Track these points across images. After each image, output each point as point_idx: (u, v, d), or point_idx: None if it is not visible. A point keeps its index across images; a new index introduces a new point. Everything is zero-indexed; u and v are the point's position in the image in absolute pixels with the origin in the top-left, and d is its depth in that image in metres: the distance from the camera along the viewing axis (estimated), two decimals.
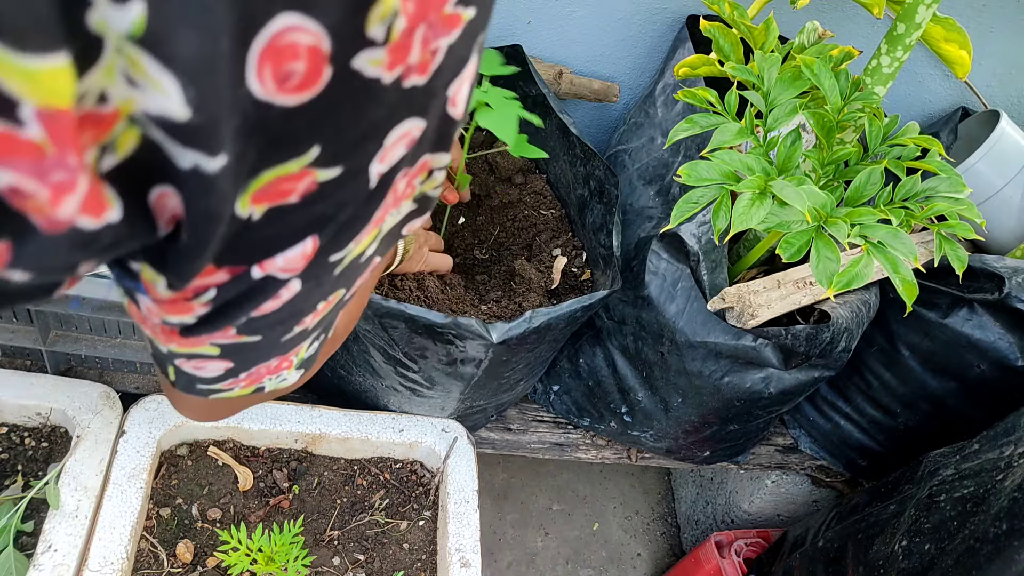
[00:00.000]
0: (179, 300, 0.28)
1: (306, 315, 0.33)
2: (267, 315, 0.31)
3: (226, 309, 0.29)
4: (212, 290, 0.28)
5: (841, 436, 1.32)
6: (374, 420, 0.99)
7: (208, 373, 0.35)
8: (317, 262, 0.29)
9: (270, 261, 0.27)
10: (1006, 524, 0.83)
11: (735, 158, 0.83)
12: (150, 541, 0.85)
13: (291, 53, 0.21)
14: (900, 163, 0.91)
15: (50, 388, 0.89)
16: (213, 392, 0.37)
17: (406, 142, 0.27)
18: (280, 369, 0.37)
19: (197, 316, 0.29)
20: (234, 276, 0.27)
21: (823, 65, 0.87)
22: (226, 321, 0.30)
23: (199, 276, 0.27)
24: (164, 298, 0.28)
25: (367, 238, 0.30)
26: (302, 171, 0.24)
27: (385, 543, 0.94)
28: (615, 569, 1.65)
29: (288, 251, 0.27)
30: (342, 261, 0.30)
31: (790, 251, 0.79)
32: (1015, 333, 1.06)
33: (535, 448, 1.24)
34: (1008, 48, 1.27)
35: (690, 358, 1.02)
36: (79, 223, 0.21)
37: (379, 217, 0.30)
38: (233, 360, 0.34)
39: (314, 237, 0.27)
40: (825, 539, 1.13)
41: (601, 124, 1.33)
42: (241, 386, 0.37)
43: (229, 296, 0.28)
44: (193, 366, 0.34)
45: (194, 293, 0.28)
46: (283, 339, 0.34)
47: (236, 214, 0.24)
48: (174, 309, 0.29)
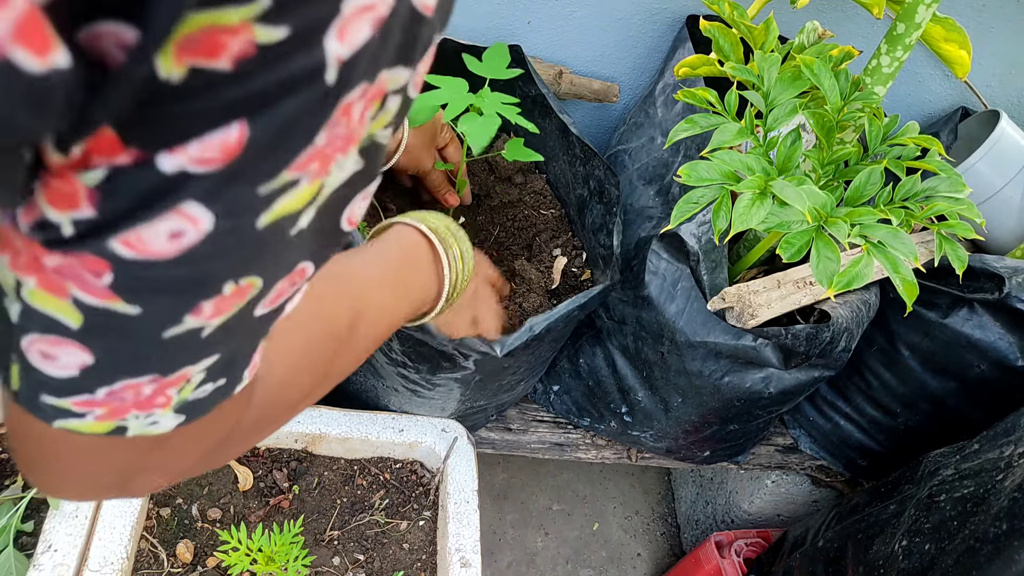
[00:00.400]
0: (67, 170, 0.22)
1: (206, 292, 0.26)
2: (156, 264, 0.24)
3: (113, 219, 0.23)
4: (102, 169, 0.22)
5: (841, 436, 1.32)
6: (374, 420, 0.99)
7: (59, 370, 0.27)
8: (239, 176, 0.23)
9: (181, 148, 0.22)
10: (1006, 524, 0.83)
11: (735, 158, 0.84)
12: (150, 541, 0.85)
13: None
14: (900, 163, 0.91)
15: None
16: (61, 415, 0.28)
17: (371, 18, 0.22)
18: (153, 404, 0.29)
19: (78, 217, 0.23)
20: (136, 162, 0.22)
21: (823, 65, 0.87)
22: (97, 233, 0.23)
23: (93, 142, 0.21)
24: (51, 164, 0.23)
25: (308, 184, 0.24)
26: (240, 23, 0.20)
27: (385, 543, 0.94)
28: (615, 569, 1.65)
29: (206, 135, 0.22)
30: (270, 206, 0.24)
31: (790, 251, 0.79)
32: (1015, 333, 1.06)
33: (535, 448, 1.24)
34: (1008, 48, 1.27)
35: (690, 358, 1.02)
36: (18, 59, 0.18)
37: (323, 151, 0.24)
38: (94, 349, 0.26)
39: (241, 123, 0.22)
40: (825, 539, 1.13)
41: (601, 124, 1.33)
42: (97, 414, 0.28)
43: (121, 196, 0.23)
44: (42, 350, 0.26)
45: (83, 164, 0.22)
46: (165, 332, 0.26)
47: (154, 72, 0.20)
48: (60, 195, 0.23)
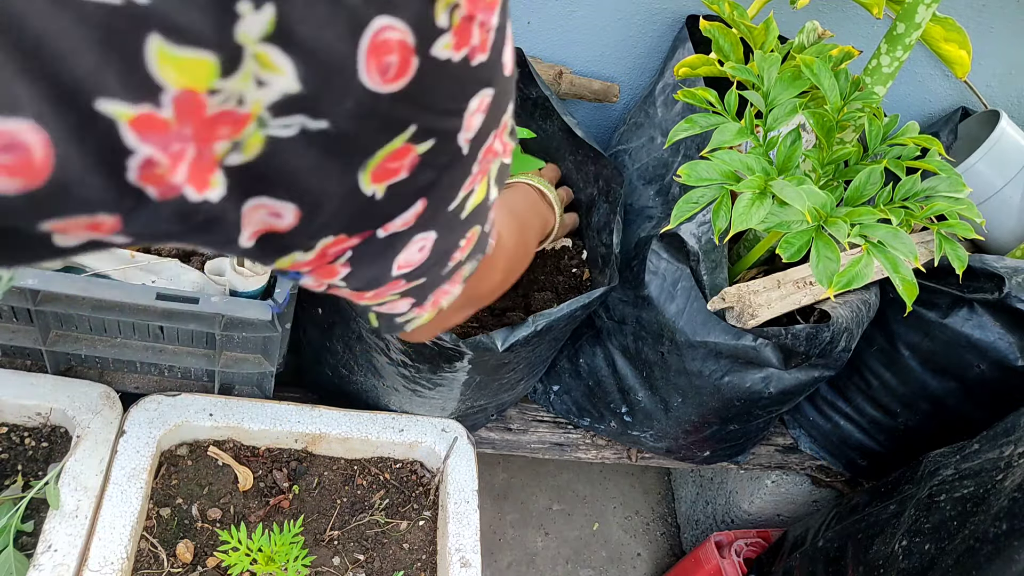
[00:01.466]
0: (321, 263, 0.33)
1: (453, 252, 0.38)
2: (419, 266, 0.37)
3: (369, 263, 0.34)
4: (348, 252, 0.33)
5: (841, 436, 1.32)
6: (374, 420, 0.99)
7: (398, 310, 0.41)
8: (433, 215, 0.34)
9: (391, 223, 0.32)
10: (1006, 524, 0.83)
11: (735, 158, 0.84)
12: (150, 541, 0.85)
13: (387, 48, 0.26)
14: (900, 163, 0.91)
15: (50, 388, 0.89)
16: (408, 322, 0.43)
17: (483, 109, 0.32)
18: (450, 292, 0.43)
19: (343, 276, 0.35)
20: (364, 240, 0.33)
21: (823, 65, 0.87)
22: (379, 275, 0.36)
23: (332, 243, 0.32)
24: (308, 262, 0.33)
25: (479, 187, 0.36)
26: (404, 146, 0.29)
27: (385, 543, 0.94)
28: (615, 569, 1.65)
29: (404, 214, 0.32)
30: (463, 208, 0.35)
31: (790, 251, 0.79)
32: (1015, 333, 1.06)
33: (535, 448, 1.24)
34: (1008, 48, 1.27)
35: (690, 358, 1.02)
36: (185, 191, 0.25)
37: (480, 171, 0.35)
38: (413, 296, 0.40)
39: (423, 200, 0.32)
40: (825, 539, 1.13)
41: (601, 124, 1.33)
42: (428, 310, 0.43)
43: (365, 254, 0.33)
44: (387, 309, 0.41)
45: (333, 256, 0.33)
46: (444, 272, 0.39)
47: (361, 191, 0.29)
48: (322, 273, 0.34)
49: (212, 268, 0.87)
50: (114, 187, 0.24)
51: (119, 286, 0.79)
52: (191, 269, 0.86)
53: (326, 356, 1.04)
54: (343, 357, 1.00)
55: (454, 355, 0.89)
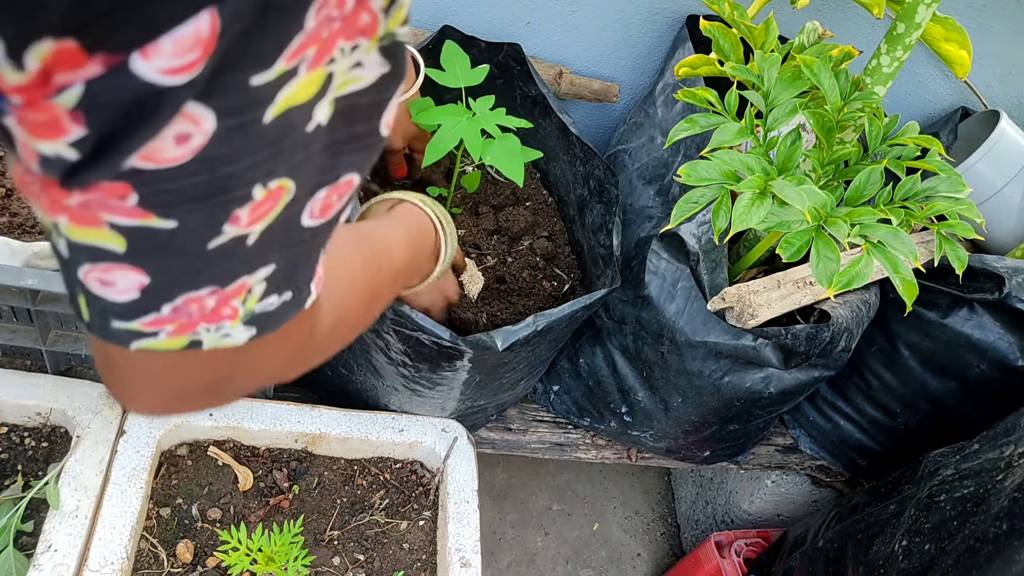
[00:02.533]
0: (38, 98, 0.21)
1: (236, 199, 0.25)
2: (173, 170, 0.23)
3: (109, 137, 0.22)
4: (78, 86, 0.21)
5: (841, 436, 1.32)
6: (374, 420, 0.99)
7: (120, 294, 0.27)
8: (225, 71, 0.22)
9: (153, 45, 0.21)
10: (1006, 524, 0.83)
11: (735, 158, 0.84)
12: (150, 541, 0.85)
13: None
14: (900, 163, 0.91)
15: (50, 388, 0.89)
16: (135, 336, 0.29)
17: None
18: (219, 315, 0.29)
19: (72, 140, 0.22)
20: (109, 68, 0.21)
21: (823, 65, 0.87)
22: (114, 158, 0.23)
23: (54, 53, 0.20)
24: (15, 86, 0.21)
25: (308, 74, 0.24)
26: None
27: (385, 543, 0.94)
28: (615, 569, 1.65)
29: (176, 28, 0.20)
30: (273, 98, 0.23)
31: (790, 251, 0.79)
32: (1015, 333, 1.06)
33: (535, 448, 1.24)
34: (1008, 48, 1.27)
35: (690, 358, 1.02)
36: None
37: (319, 33, 0.23)
38: (146, 268, 0.26)
39: (211, 10, 0.21)
40: (825, 539, 1.13)
41: (601, 124, 1.33)
42: (168, 330, 0.29)
43: (108, 108, 0.22)
44: (99, 279, 0.27)
45: (55, 88, 0.21)
46: (210, 243, 0.26)
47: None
48: (41, 125, 0.22)
49: None
50: None
51: None
52: None
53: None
54: (343, 356, 1.00)
55: (454, 354, 0.89)
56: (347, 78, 0.26)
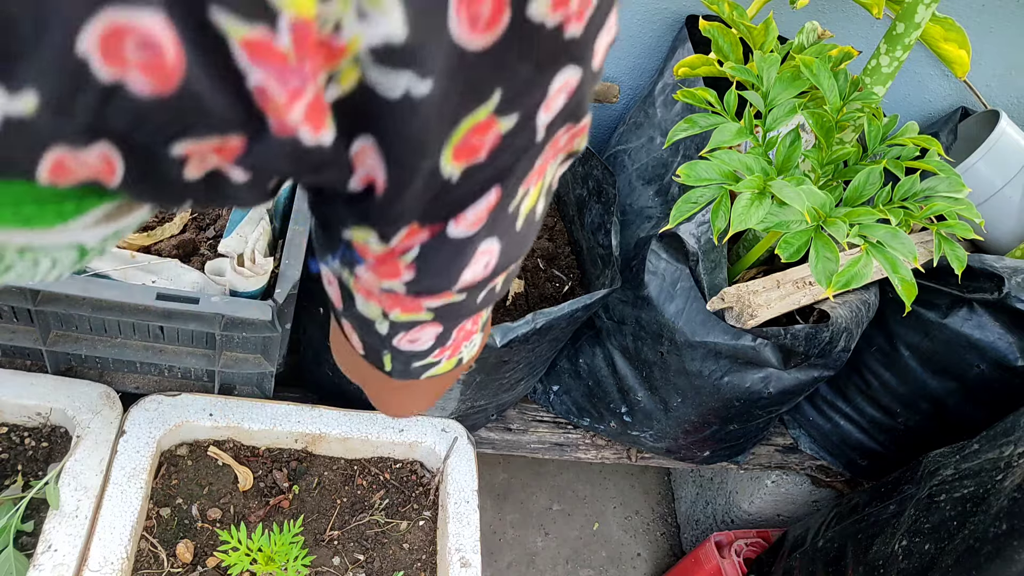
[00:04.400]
0: (388, 258, 0.32)
1: (499, 275, 0.36)
2: (480, 282, 0.35)
3: (434, 279, 0.33)
4: (416, 248, 0.31)
5: (841, 436, 1.32)
6: (374, 420, 0.99)
7: (422, 345, 0.39)
8: (500, 213, 0.31)
9: (461, 216, 0.30)
10: (1006, 524, 0.83)
11: (734, 158, 0.84)
12: (150, 541, 0.85)
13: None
14: (899, 163, 0.91)
15: (50, 388, 0.89)
16: (426, 368, 0.41)
17: (566, 92, 0.29)
18: (471, 334, 0.41)
19: (405, 280, 0.33)
20: (434, 234, 0.31)
21: (822, 65, 0.87)
22: (439, 288, 0.34)
23: (405, 235, 0.30)
24: (376, 255, 0.32)
25: (535, 189, 0.33)
26: (488, 119, 0.27)
27: (385, 543, 0.94)
28: (615, 569, 1.65)
29: (477, 203, 0.30)
30: (519, 213, 0.33)
31: (789, 251, 0.79)
32: (1015, 333, 1.06)
33: (535, 448, 1.24)
34: (1008, 48, 1.27)
35: (690, 358, 1.02)
36: (300, 133, 0.25)
37: (542, 166, 0.32)
38: (442, 322, 0.37)
39: (497, 188, 0.30)
40: (825, 539, 1.13)
41: (601, 124, 1.33)
42: (447, 356, 0.41)
43: (434, 256, 0.32)
44: (409, 340, 0.38)
45: (401, 251, 0.31)
46: (480, 299, 0.37)
47: (440, 172, 0.28)
48: (385, 271, 0.33)
49: (212, 268, 0.87)
50: (239, 106, 0.23)
51: (119, 286, 0.79)
52: (191, 269, 0.86)
53: (326, 356, 1.04)
54: None
55: None
56: (551, 178, 0.34)
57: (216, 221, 0.97)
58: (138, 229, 0.94)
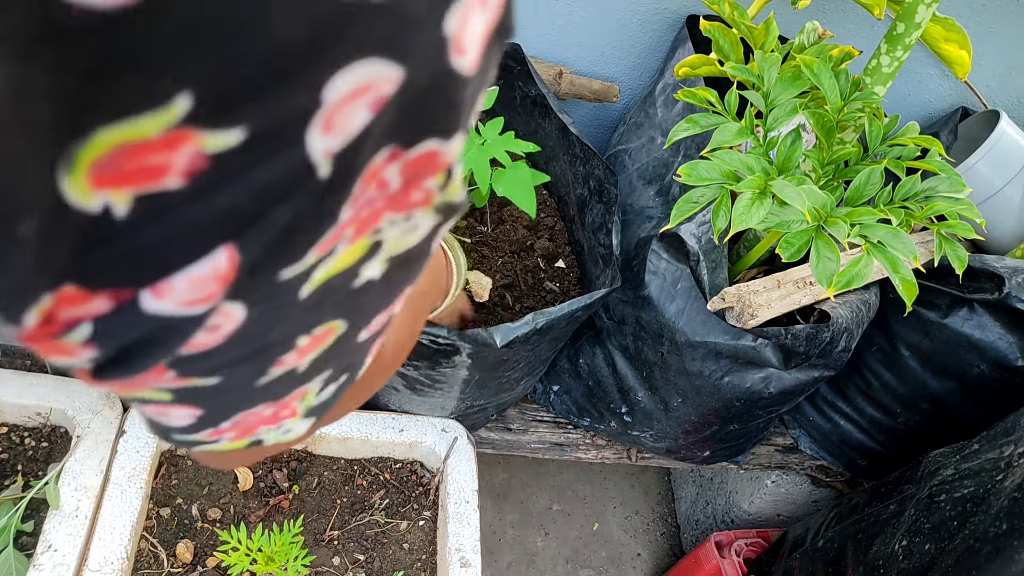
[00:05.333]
0: (44, 337, 0.20)
1: (279, 352, 0.25)
2: (209, 352, 0.23)
3: (130, 352, 0.21)
4: (86, 325, 0.20)
5: (841, 436, 1.32)
6: (374, 420, 0.99)
7: (176, 422, 0.27)
8: (253, 282, 0.21)
9: (165, 284, 0.19)
10: (1006, 524, 0.83)
11: (735, 158, 0.84)
12: (150, 541, 0.85)
13: None
14: (900, 163, 0.91)
15: (50, 388, 0.89)
16: (195, 444, 0.29)
17: (368, 102, 0.18)
18: (279, 418, 0.29)
19: (90, 360, 0.22)
20: (119, 305, 0.19)
21: (823, 65, 0.87)
22: (140, 364, 0.22)
23: (51, 305, 0.19)
24: (16, 336, 0.20)
25: (346, 250, 0.22)
26: (171, 133, 0.16)
27: (385, 543, 0.94)
28: (615, 569, 1.65)
29: (190, 268, 0.19)
30: (307, 279, 0.22)
31: (790, 251, 0.79)
32: (1015, 333, 1.06)
33: (535, 448, 1.24)
34: (1008, 48, 1.27)
35: (690, 358, 1.02)
36: None
37: (356, 217, 0.22)
38: (200, 406, 0.26)
39: (228, 247, 0.19)
40: (825, 539, 1.13)
41: (601, 124, 1.33)
42: (228, 438, 0.29)
43: (122, 335, 0.21)
44: (154, 411, 0.26)
45: (61, 328, 0.20)
46: (259, 382, 0.25)
47: (69, 202, 0.17)
48: (49, 348, 0.21)
49: None
50: None
51: None
52: None
53: None
54: None
55: (451, 350, 0.89)
56: (402, 241, 0.24)
57: None
58: None
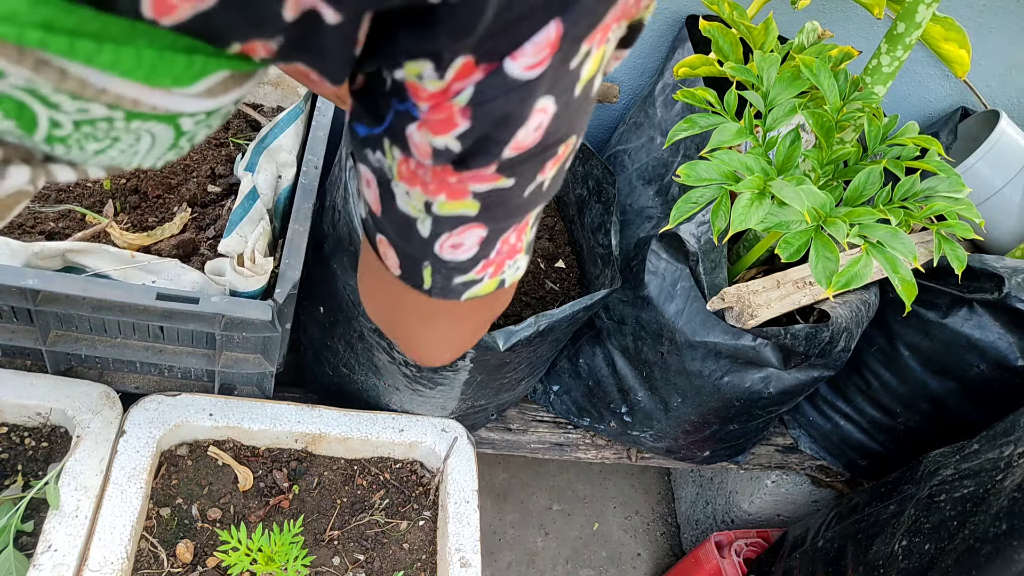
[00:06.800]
0: (442, 100, 0.29)
1: (550, 155, 0.33)
2: (526, 151, 0.32)
3: (490, 130, 0.30)
4: (470, 88, 0.29)
5: (841, 436, 1.32)
6: (374, 420, 0.99)
7: (464, 253, 0.36)
8: (560, 63, 0.29)
9: (519, 51, 0.28)
10: (1006, 524, 0.83)
11: (734, 158, 0.84)
12: (150, 541, 0.85)
13: None
14: (899, 163, 0.91)
15: (50, 388, 0.89)
16: (468, 286, 0.38)
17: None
18: (515, 251, 0.38)
19: (459, 133, 0.30)
20: (489, 72, 0.29)
21: (822, 65, 0.87)
22: (491, 148, 0.31)
23: (460, 69, 0.28)
24: (430, 94, 0.29)
25: (597, 52, 0.30)
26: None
27: (385, 543, 0.94)
28: (615, 569, 1.65)
29: (535, 36, 0.28)
30: (579, 74, 0.30)
31: (789, 251, 0.79)
32: (1015, 333, 1.06)
33: (535, 448, 1.24)
34: (1008, 48, 1.27)
35: (690, 358, 1.02)
36: None
37: (606, 25, 0.30)
38: (487, 221, 0.35)
39: (557, 20, 0.28)
40: (825, 539, 1.13)
41: (601, 124, 1.33)
42: (490, 273, 0.38)
43: (489, 102, 0.29)
44: (452, 244, 0.35)
45: (455, 91, 0.29)
46: (526, 191, 0.34)
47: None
48: (439, 121, 0.30)
49: (212, 268, 0.87)
50: None
51: (119, 286, 0.79)
52: (191, 269, 0.86)
53: (327, 355, 1.04)
54: (344, 356, 1.00)
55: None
56: (610, 51, 0.32)
57: (216, 221, 0.97)
58: (136, 229, 0.94)
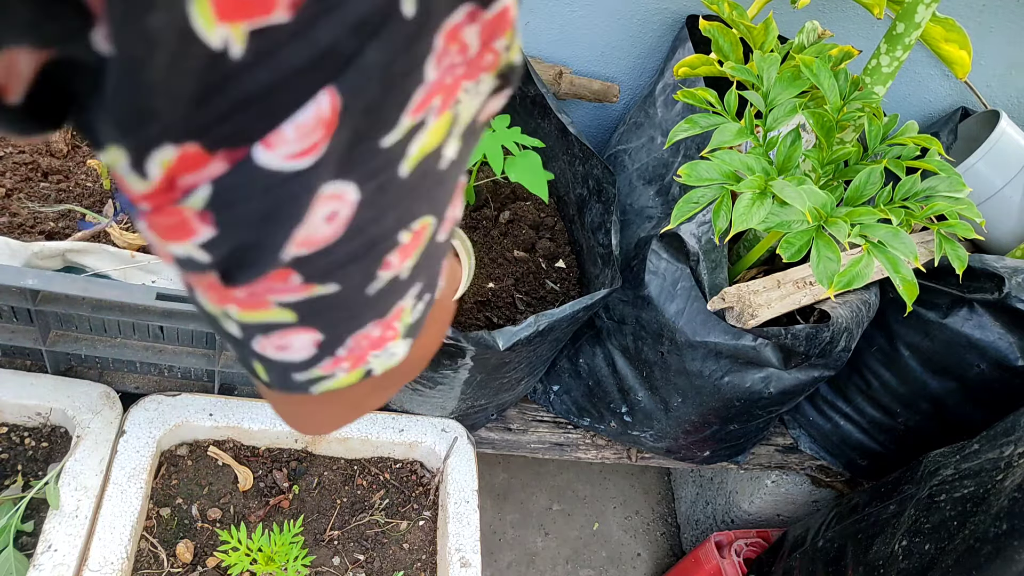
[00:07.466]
0: (164, 203, 0.21)
1: (386, 248, 0.26)
2: (329, 248, 0.24)
3: (247, 244, 0.23)
4: (205, 187, 0.21)
5: (841, 436, 1.32)
6: (374, 420, 0.99)
7: (297, 354, 0.29)
8: (356, 143, 0.22)
9: (276, 134, 0.20)
10: (1006, 524, 0.83)
11: (735, 158, 0.84)
12: (150, 541, 0.85)
13: None
14: (900, 163, 0.91)
15: (50, 388, 0.89)
16: (316, 382, 0.31)
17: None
18: (384, 340, 0.31)
19: (202, 242, 0.23)
20: (234, 164, 0.21)
21: (822, 65, 0.87)
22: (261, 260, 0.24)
23: (176, 161, 0.20)
24: (142, 195, 0.22)
25: (435, 121, 0.23)
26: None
27: (385, 543, 0.94)
28: (615, 569, 1.65)
29: (297, 114, 0.20)
30: (405, 153, 0.23)
31: (790, 251, 0.79)
32: (1015, 333, 1.06)
33: (535, 448, 1.24)
34: (1008, 48, 1.27)
35: (690, 358, 1.02)
36: None
37: (442, 82, 0.23)
38: (318, 326, 0.28)
39: (330, 91, 0.20)
40: (825, 539, 1.13)
41: (601, 124, 1.33)
42: (344, 368, 0.30)
43: (242, 204, 0.22)
44: (276, 346, 0.28)
45: (182, 193, 0.21)
46: (369, 290, 0.27)
47: (196, 31, 0.18)
48: (168, 226, 0.22)
49: None
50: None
51: (119, 286, 0.79)
52: None
53: None
54: None
55: (456, 352, 0.89)
56: (470, 108, 0.26)
57: None
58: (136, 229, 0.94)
